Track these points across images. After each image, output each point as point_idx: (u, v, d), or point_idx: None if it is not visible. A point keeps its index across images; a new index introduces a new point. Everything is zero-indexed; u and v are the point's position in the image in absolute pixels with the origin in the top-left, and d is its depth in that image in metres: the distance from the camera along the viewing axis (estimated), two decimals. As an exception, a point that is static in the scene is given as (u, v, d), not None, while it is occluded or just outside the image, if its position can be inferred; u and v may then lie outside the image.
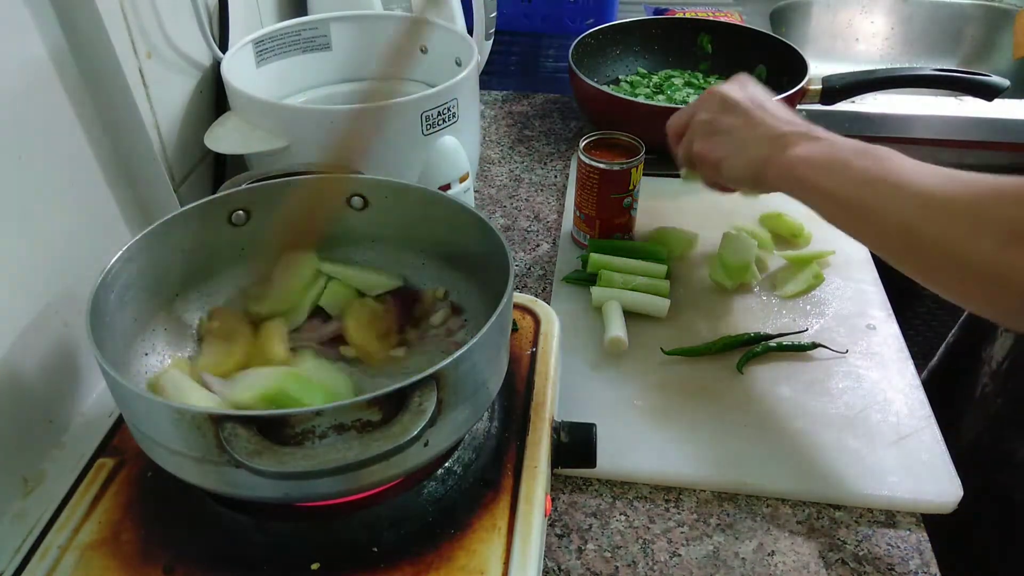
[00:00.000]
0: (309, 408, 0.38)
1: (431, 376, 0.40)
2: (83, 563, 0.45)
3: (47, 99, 0.56)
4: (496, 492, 0.48)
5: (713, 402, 0.66)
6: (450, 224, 0.57)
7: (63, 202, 0.57)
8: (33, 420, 0.54)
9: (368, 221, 0.60)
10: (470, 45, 0.80)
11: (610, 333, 0.70)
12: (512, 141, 1.07)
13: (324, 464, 0.37)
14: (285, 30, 0.83)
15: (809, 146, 0.58)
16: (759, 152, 0.61)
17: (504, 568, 0.44)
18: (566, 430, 0.54)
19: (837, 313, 0.75)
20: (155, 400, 0.41)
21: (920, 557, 0.55)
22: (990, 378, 0.77)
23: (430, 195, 0.58)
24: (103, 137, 0.62)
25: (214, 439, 0.38)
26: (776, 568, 0.54)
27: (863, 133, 1.21)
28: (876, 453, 0.61)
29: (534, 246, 0.87)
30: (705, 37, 1.16)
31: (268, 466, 0.36)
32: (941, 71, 1.00)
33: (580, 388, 0.67)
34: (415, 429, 0.38)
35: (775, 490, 0.59)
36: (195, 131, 0.76)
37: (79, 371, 0.58)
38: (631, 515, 0.58)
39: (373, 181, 0.59)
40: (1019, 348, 0.75)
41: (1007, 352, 0.76)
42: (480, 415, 0.49)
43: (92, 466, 0.50)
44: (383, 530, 0.46)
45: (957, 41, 1.60)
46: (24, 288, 0.53)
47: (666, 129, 0.73)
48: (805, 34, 1.62)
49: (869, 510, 0.58)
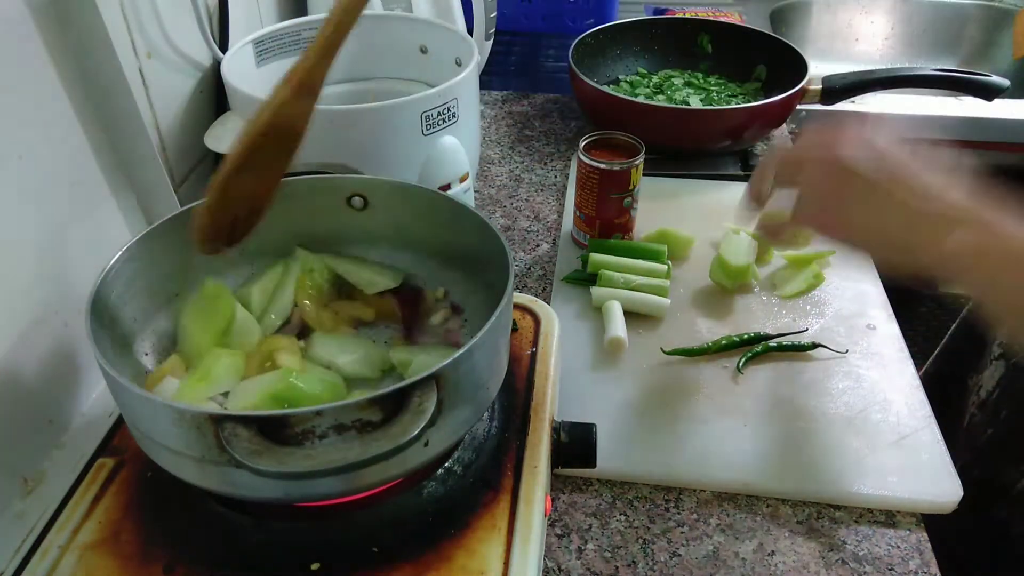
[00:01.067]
0: (309, 408, 0.38)
1: (431, 376, 0.40)
2: (83, 563, 0.45)
3: (47, 99, 0.56)
4: (496, 492, 0.48)
5: (713, 402, 0.66)
6: (450, 224, 0.57)
7: (63, 202, 0.57)
8: (33, 420, 0.54)
9: (368, 221, 0.60)
10: (470, 45, 0.80)
11: (610, 333, 0.70)
12: (512, 141, 1.07)
13: (324, 464, 0.37)
14: (285, 30, 0.83)
15: (973, 236, 0.45)
16: (907, 236, 0.48)
17: (504, 568, 0.44)
18: (566, 430, 0.54)
19: (837, 313, 0.75)
20: (155, 400, 0.41)
21: (920, 557, 0.55)
22: (978, 408, 0.76)
23: (430, 195, 0.58)
24: (103, 137, 0.62)
25: (214, 439, 0.38)
26: (776, 568, 0.54)
27: (863, 133, 1.21)
28: (876, 453, 0.61)
29: (534, 246, 0.87)
30: (705, 37, 1.16)
31: (268, 466, 0.36)
32: (941, 71, 1.00)
33: (580, 388, 0.67)
34: (415, 429, 0.38)
35: (775, 490, 0.59)
36: (195, 131, 0.76)
37: (79, 371, 0.58)
38: (631, 515, 0.58)
39: (373, 181, 0.59)
40: (1010, 377, 0.73)
41: (996, 382, 0.75)
42: (480, 415, 0.49)
43: (92, 466, 0.50)
44: (383, 530, 0.46)
45: (957, 41, 1.60)
46: (24, 288, 0.53)
47: (763, 170, 0.58)
48: (805, 34, 1.62)
49: (869, 510, 0.58)
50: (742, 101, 1.06)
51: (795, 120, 1.12)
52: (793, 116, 1.04)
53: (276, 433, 0.38)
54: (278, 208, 0.59)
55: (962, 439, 0.76)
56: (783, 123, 1.05)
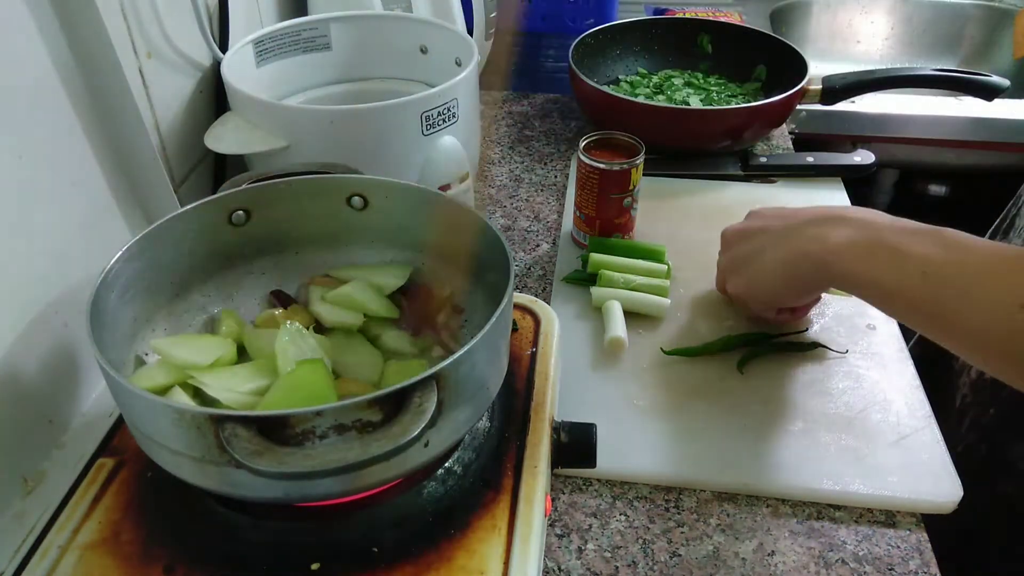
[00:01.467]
0: (309, 408, 0.38)
1: (431, 376, 0.40)
2: (83, 563, 0.45)
3: (47, 99, 0.56)
4: (496, 492, 0.48)
5: (713, 402, 0.66)
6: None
7: (63, 202, 0.57)
8: (33, 420, 0.54)
9: (368, 221, 0.60)
10: (470, 45, 0.80)
11: (610, 333, 0.70)
12: (512, 141, 1.07)
13: (325, 464, 0.37)
14: (285, 30, 0.83)
15: (843, 231, 0.53)
16: (781, 253, 0.56)
17: (504, 568, 0.44)
18: (566, 430, 0.54)
19: (837, 313, 0.75)
20: (155, 400, 0.41)
21: (920, 557, 0.55)
22: (970, 388, 0.76)
23: (430, 195, 0.58)
24: (103, 137, 0.62)
25: (214, 439, 0.38)
26: (776, 568, 0.54)
27: (863, 133, 1.21)
28: (876, 453, 0.61)
29: (534, 246, 0.87)
30: (705, 37, 1.16)
31: (269, 467, 0.36)
32: (941, 71, 1.01)
33: (580, 388, 0.67)
34: (415, 429, 0.38)
35: (775, 490, 0.59)
36: (195, 131, 0.76)
37: (79, 371, 0.58)
38: (631, 515, 0.58)
39: (373, 181, 0.59)
40: None
41: None
42: (480, 415, 0.49)
43: (92, 466, 0.50)
44: (383, 530, 0.46)
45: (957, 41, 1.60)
46: (24, 288, 0.53)
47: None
48: (805, 34, 1.63)
49: (869, 510, 0.58)
50: (742, 101, 1.06)
51: (795, 120, 1.12)
52: (793, 116, 1.04)
53: (276, 433, 0.38)
54: (277, 209, 0.59)
55: (955, 419, 0.76)
56: (783, 123, 1.05)
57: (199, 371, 0.50)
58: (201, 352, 0.52)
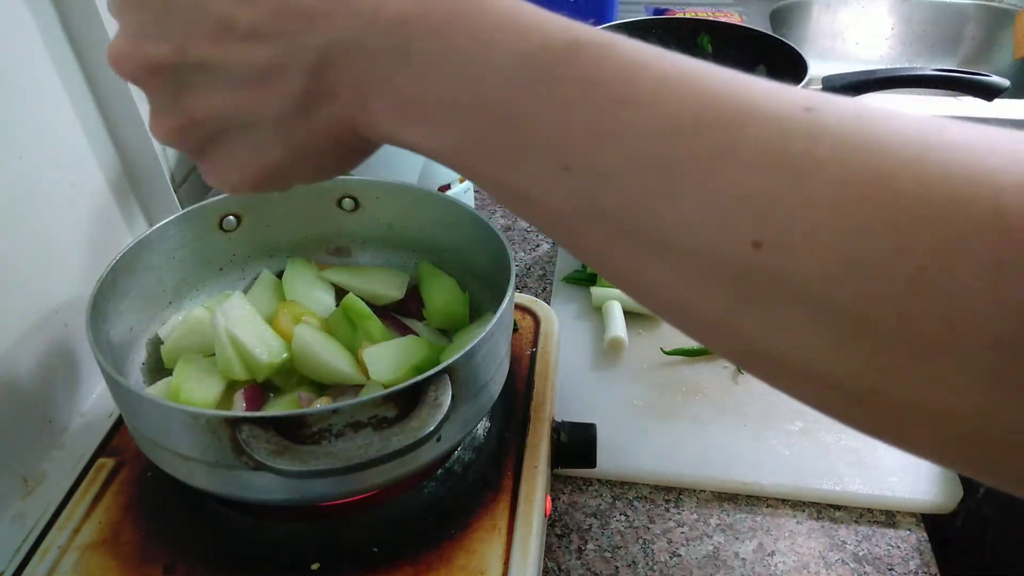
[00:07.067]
0: (326, 407, 0.38)
1: (444, 370, 0.40)
2: (83, 563, 0.45)
3: (48, 99, 0.56)
4: (496, 492, 0.48)
5: (713, 402, 0.66)
6: (450, 224, 0.57)
7: (63, 203, 0.57)
8: (33, 420, 0.54)
9: (367, 222, 0.60)
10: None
11: (610, 333, 0.70)
12: (512, 141, 1.07)
13: (346, 461, 0.36)
14: (285, 30, 0.83)
15: None
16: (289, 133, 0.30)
17: (504, 568, 0.44)
18: (566, 430, 0.54)
19: (837, 313, 0.75)
20: (167, 404, 0.40)
21: (920, 557, 0.55)
22: None
23: (430, 195, 0.58)
24: (103, 137, 0.62)
25: (230, 442, 0.38)
26: (776, 568, 0.54)
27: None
28: (876, 453, 0.61)
29: (534, 246, 0.87)
30: (705, 37, 1.16)
31: (291, 465, 0.36)
32: (941, 71, 1.00)
33: (580, 388, 0.67)
34: (433, 423, 0.38)
35: (775, 490, 0.59)
36: (195, 131, 0.76)
37: (79, 371, 0.58)
38: (631, 515, 0.58)
39: (363, 182, 0.59)
40: None
41: None
42: (486, 412, 0.49)
43: (92, 466, 0.50)
44: (383, 530, 0.46)
45: (957, 41, 1.60)
46: (24, 289, 0.53)
47: None
48: (805, 34, 1.63)
49: (869, 510, 0.58)
50: (742, 101, 1.06)
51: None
52: (793, 116, 1.04)
53: (292, 433, 0.37)
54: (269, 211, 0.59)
55: None
56: (783, 123, 1.05)
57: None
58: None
